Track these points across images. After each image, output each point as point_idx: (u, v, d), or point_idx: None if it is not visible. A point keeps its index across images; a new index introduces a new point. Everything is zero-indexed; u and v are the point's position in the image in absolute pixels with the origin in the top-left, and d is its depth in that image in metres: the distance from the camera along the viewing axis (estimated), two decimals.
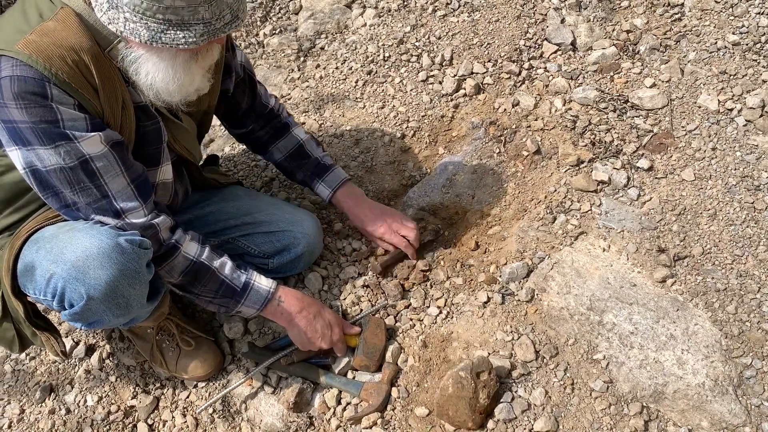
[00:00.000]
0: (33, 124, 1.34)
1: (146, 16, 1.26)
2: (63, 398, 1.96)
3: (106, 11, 1.29)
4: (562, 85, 2.46)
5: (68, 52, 1.33)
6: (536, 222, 2.11)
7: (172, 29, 1.29)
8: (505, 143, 2.35)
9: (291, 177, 2.16)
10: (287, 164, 2.11)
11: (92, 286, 1.41)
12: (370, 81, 2.62)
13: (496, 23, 2.69)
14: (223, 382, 1.91)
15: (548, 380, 1.76)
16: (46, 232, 1.51)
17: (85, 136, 1.39)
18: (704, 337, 1.80)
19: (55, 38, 1.32)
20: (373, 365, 1.82)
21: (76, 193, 1.45)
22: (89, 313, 1.45)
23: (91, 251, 1.41)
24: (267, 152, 2.11)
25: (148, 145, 1.60)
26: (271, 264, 1.97)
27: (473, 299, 1.95)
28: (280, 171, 2.18)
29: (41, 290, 1.46)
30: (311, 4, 2.95)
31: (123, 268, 1.44)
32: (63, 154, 1.38)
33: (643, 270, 1.95)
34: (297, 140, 2.09)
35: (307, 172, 2.10)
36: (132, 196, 1.51)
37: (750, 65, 2.35)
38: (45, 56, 1.30)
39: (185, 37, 1.30)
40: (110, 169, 1.46)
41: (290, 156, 2.10)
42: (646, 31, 2.57)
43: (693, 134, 2.24)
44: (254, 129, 2.07)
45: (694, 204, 2.07)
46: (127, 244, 1.45)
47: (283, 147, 2.09)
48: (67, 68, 1.33)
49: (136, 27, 1.28)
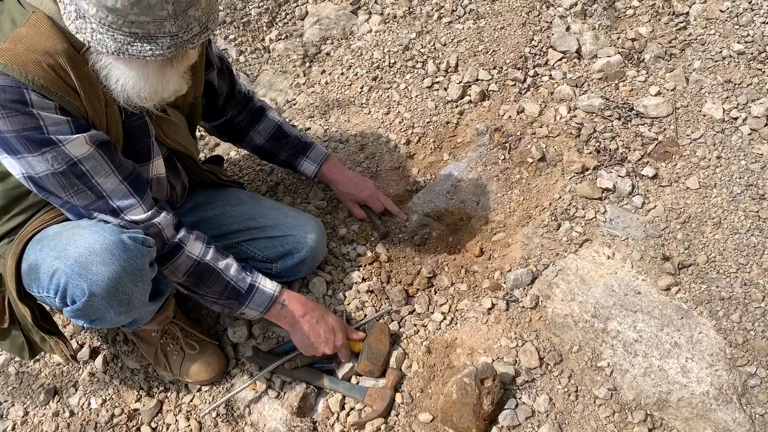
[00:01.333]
0: (16, 132, 1.34)
1: (112, 29, 1.25)
2: (67, 401, 1.96)
3: (74, 20, 1.28)
4: (567, 93, 2.47)
5: (43, 57, 1.32)
6: (541, 229, 2.11)
7: (139, 42, 1.27)
8: (509, 150, 2.36)
9: (272, 159, 2.20)
10: (269, 146, 2.14)
11: (94, 282, 1.41)
12: (376, 87, 2.63)
13: (501, 30, 2.70)
14: (226, 386, 1.91)
15: (552, 387, 1.76)
16: (49, 230, 1.52)
17: (69, 139, 1.39)
18: (708, 345, 1.79)
19: (28, 44, 1.31)
20: (377, 370, 1.82)
21: (71, 196, 1.46)
22: (91, 309, 1.45)
23: (94, 247, 1.41)
24: (246, 138, 2.14)
25: (136, 141, 1.59)
26: (275, 268, 1.97)
27: (477, 305, 1.95)
28: (258, 155, 2.23)
29: (45, 287, 1.46)
30: (317, 10, 2.96)
31: (125, 265, 1.44)
32: (51, 159, 1.39)
33: (647, 278, 1.95)
34: (275, 122, 2.14)
35: (290, 151, 2.15)
36: (127, 193, 1.52)
37: (755, 74, 2.36)
38: (20, 63, 1.29)
39: (152, 49, 1.28)
40: (100, 170, 1.46)
41: (271, 137, 2.13)
42: (651, 39, 2.58)
43: (698, 143, 2.24)
44: (233, 116, 2.09)
45: (699, 212, 2.07)
46: (131, 241, 1.46)
47: (263, 130, 2.12)
48: (44, 72, 1.32)
49: (102, 38, 1.27)
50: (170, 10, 1.24)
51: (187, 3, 1.26)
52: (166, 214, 1.60)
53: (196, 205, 1.97)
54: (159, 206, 1.60)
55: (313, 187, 2.37)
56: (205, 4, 1.30)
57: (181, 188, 1.89)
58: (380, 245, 2.13)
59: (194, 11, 1.28)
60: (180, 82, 1.49)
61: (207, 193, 2.02)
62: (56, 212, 1.55)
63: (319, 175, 2.18)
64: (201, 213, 1.96)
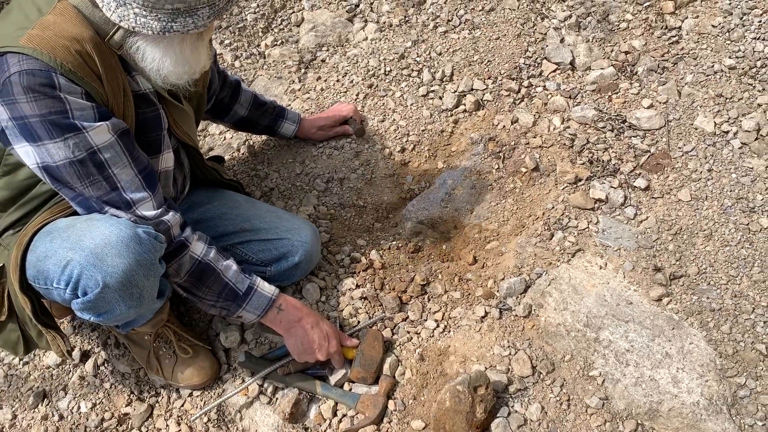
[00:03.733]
0: (42, 116, 1.36)
1: (156, 9, 1.31)
2: (56, 404, 1.94)
3: (115, 9, 1.33)
4: (561, 104, 2.49)
5: (71, 43, 1.36)
6: (534, 238, 2.12)
7: (181, 17, 1.34)
8: (504, 159, 2.37)
9: (253, 127, 2.41)
10: (252, 115, 2.33)
11: (109, 273, 1.42)
12: (371, 94, 2.64)
13: (496, 41, 2.72)
14: (218, 391, 1.90)
15: (545, 396, 1.77)
16: (60, 223, 1.53)
17: (93, 126, 1.41)
18: (699, 356, 1.81)
19: (56, 30, 1.36)
20: (370, 377, 1.82)
21: (86, 187, 1.47)
22: (102, 302, 1.46)
23: (110, 239, 1.43)
24: (230, 112, 2.28)
25: (148, 132, 1.62)
26: (269, 272, 1.97)
27: (471, 313, 1.96)
28: (236, 127, 2.43)
29: (55, 278, 1.46)
30: (313, 17, 2.97)
31: (140, 258, 1.45)
32: (72, 146, 1.41)
33: (639, 288, 1.96)
34: (250, 92, 2.31)
35: (270, 116, 2.38)
36: (140, 186, 1.54)
37: (746, 89, 2.39)
38: (49, 48, 1.33)
39: (194, 21, 1.35)
40: (118, 160, 1.48)
41: (253, 107, 2.32)
42: (644, 52, 2.61)
43: (689, 155, 2.27)
44: (216, 92, 2.19)
45: (690, 224, 2.10)
46: (145, 235, 1.48)
47: (245, 101, 2.29)
48: (72, 58, 1.36)
49: (146, 21, 1.33)
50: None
51: None
52: (174, 213, 1.62)
53: (192, 205, 1.98)
54: (168, 204, 1.62)
55: (307, 193, 2.37)
56: None
57: (182, 183, 1.90)
58: (374, 252, 2.14)
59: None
60: (208, 55, 1.57)
61: (204, 193, 2.02)
62: (65, 205, 1.57)
63: (298, 132, 2.44)
64: (198, 214, 1.96)
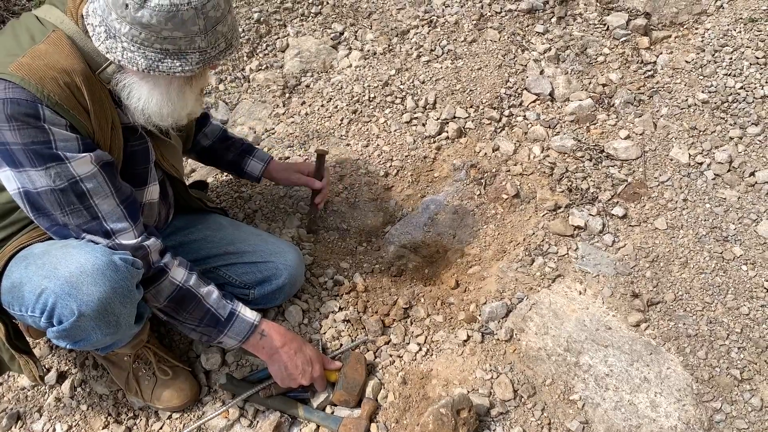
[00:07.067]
0: (25, 145, 1.34)
1: (144, 46, 1.31)
2: (31, 426, 1.90)
3: (104, 40, 1.33)
4: (541, 133, 2.55)
5: (60, 74, 1.35)
6: (515, 263, 2.15)
7: (169, 58, 1.33)
8: (485, 186, 2.41)
9: (218, 161, 2.25)
10: (217, 147, 2.21)
11: (84, 302, 1.39)
12: (355, 120, 2.68)
13: (478, 71, 2.78)
14: (198, 414, 1.87)
15: (526, 419, 1.78)
16: (35, 249, 1.50)
17: (76, 157, 1.40)
18: (676, 380, 1.84)
19: (47, 61, 1.35)
20: (353, 400, 1.82)
21: (66, 215, 1.45)
22: (78, 330, 1.43)
23: (86, 267, 1.40)
24: (194, 141, 2.16)
25: (136, 165, 1.61)
26: (252, 295, 1.96)
27: (453, 337, 1.97)
28: (200, 159, 2.26)
29: (30, 306, 1.43)
30: (298, 43, 3.01)
31: (116, 286, 1.43)
32: (53, 175, 1.39)
33: (617, 314, 2.00)
34: (219, 126, 2.23)
35: (236, 152, 2.22)
36: (122, 217, 1.52)
37: (718, 122, 2.48)
38: (37, 78, 1.32)
39: (182, 65, 1.34)
40: (100, 191, 1.47)
41: (219, 139, 2.20)
42: (621, 85, 2.69)
43: (665, 185, 2.33)
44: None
45: (667, 252, 2.15)
46: (122, 262, 1.45)
47: (210, 133, 2.19)
48: (59, 90, 1.35)
49: (133, 56, 1.32)
50: (201, 26, 1.30)
51: (216, 19, 1.32)
52: (156, 239, 1.60)
53: (176, 230, 1.97)
54: (148, 232, 1.60)
55: (290, 215, 2.38)
56: (230, 20, 1.38)
57: (165, 214, 1.88)
58: (358, 275, 2.15)
59: (222, 27, 1.35)
60: (195, 103, 1.55)
61: (188, 217, 2.01)
62: (41, 230, 1.53)
63: (265, 173, 2.25)
64: (181, 237, 1.95)
